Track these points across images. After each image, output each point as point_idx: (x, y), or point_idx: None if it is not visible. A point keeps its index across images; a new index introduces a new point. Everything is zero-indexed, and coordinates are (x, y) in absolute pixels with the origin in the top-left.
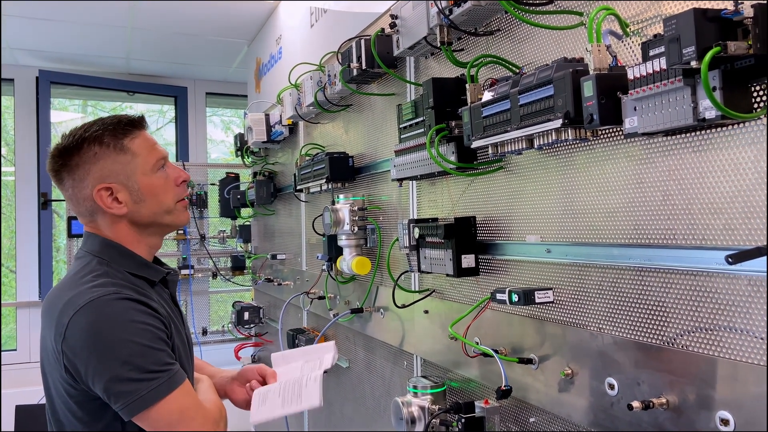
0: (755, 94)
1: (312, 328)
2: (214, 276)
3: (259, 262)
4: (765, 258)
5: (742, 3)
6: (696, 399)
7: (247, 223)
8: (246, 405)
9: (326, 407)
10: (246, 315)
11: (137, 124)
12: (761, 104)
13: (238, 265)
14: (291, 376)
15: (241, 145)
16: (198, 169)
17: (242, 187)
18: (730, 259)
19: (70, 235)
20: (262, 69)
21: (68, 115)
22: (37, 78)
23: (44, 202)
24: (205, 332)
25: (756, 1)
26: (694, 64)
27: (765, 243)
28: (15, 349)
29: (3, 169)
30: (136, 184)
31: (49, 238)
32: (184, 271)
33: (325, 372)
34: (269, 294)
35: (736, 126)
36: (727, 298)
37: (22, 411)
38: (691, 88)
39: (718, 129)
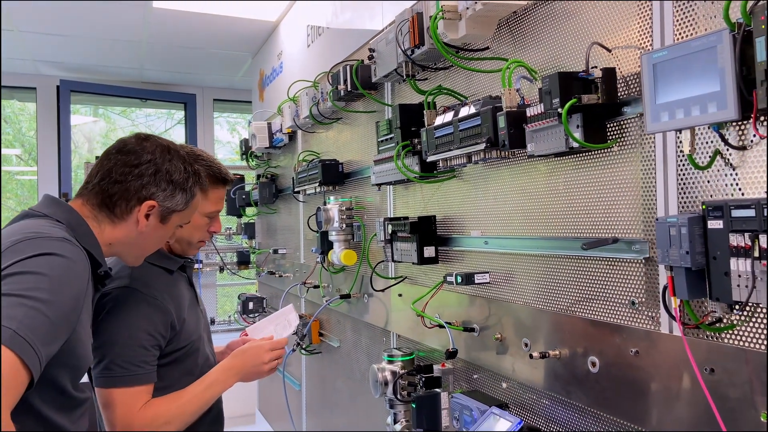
0: (609, 130)
1: (309, 314)
2: (221, 270)
3: (262, 256)
4: (613, 245)
5: (595, 67)
6: (576, 349)
7: (252, 221)
8: None
9: (320, 382)
10: (251, 305)
11: (228, 182)
12: (612, 137)
13: (244, 260)
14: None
15: (246, 150)
16: None
17: (247, 188)
18: (584, 246)
19: None
20: (265, 80)
21: (81, 119)
22: (57, 87)
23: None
24: (213, 322)
25: (603, 66)
26: (560, 110)
27: (612, 235)
28: None
29: (25, 169)
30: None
31: None
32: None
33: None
34: (272, 285)
35: (597, 152)
36: (596, 275)
37: None
38: (563, 125)
39: (586, 154)
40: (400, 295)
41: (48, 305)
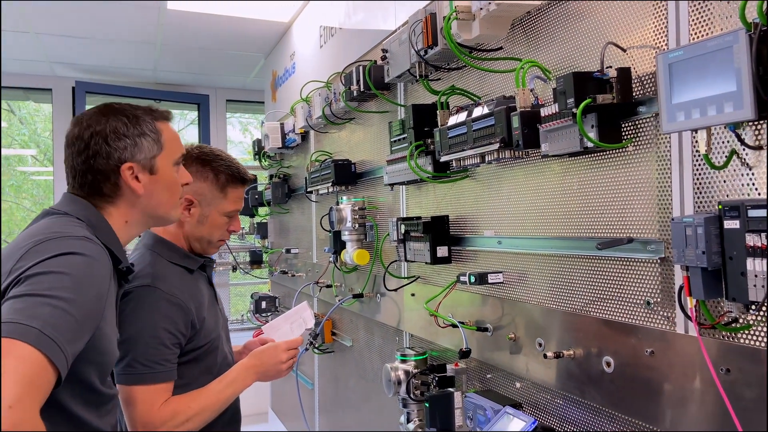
0: (624, 130)
1: (321, 313)
2: (234, 269)
3: (275, 256)
4: (627, 245)
5: (610, 67)
6: (591, 349)
7: (264, 220)
8: None
9: (333, 381)
10: (263, 304)
11: (246, 182)
12: (627, 137)
13: (256, 259)
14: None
15: (259, 150)
16: None
17: (260, 188)
18: (599, 246)
19: None
20: (278, 81)
21: None
22: (73, 88)
23: None
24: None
25: (618, 66)
26: (574, 110)
27: (627, 235)
28: None
29: (41, 169)
30: (209, 212)
31: None
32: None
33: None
34: (284, 285)
35: (612, 152)
36: (610, 275)
37: None
38: (577, 125)
39: (601, 154)
40: (413, 294)
41: (72, 304)
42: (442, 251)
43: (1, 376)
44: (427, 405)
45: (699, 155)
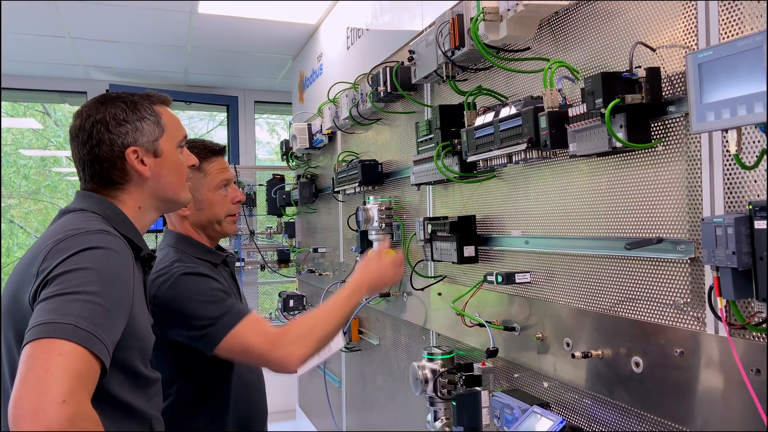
0: (653, 130)
1: None
2: (262, 268)
3: (302, 255)
4: (657, 245)
5: (639, 67)
6: (620, 349)
7: (292, 220)
8: None
9: (360, 379)
10: (291, 302)
11: (217, 152)
12: (656, 137)
13: (284, 258)
14: None
15: (287, 151)
16: (248, 171)
17: (287, 188)
18: (627, 246)
19: None
20: (305, 82)
21: None
22: (107, 90)
23: None
24: None
25: (647, 66)
26: (603, 110)
27: (656, 235)
28: None
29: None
30: (200, 196)
31: None
32: (236, 264)
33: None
34: (311, 283)
35: (641, 152)
36: (639, 276)
37: None
38: (606, 125)
39: (629, 154)
40: (439, 293)
41: (100, 296)
42: (468, 251)
43: (49, 374)
44: (455, 403)
45: (729, 155)
